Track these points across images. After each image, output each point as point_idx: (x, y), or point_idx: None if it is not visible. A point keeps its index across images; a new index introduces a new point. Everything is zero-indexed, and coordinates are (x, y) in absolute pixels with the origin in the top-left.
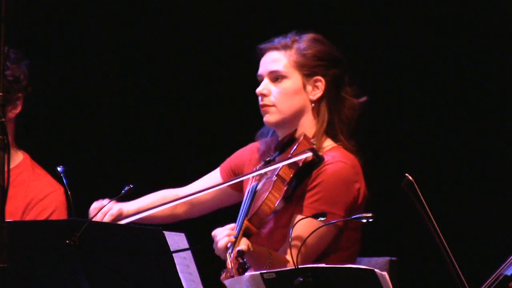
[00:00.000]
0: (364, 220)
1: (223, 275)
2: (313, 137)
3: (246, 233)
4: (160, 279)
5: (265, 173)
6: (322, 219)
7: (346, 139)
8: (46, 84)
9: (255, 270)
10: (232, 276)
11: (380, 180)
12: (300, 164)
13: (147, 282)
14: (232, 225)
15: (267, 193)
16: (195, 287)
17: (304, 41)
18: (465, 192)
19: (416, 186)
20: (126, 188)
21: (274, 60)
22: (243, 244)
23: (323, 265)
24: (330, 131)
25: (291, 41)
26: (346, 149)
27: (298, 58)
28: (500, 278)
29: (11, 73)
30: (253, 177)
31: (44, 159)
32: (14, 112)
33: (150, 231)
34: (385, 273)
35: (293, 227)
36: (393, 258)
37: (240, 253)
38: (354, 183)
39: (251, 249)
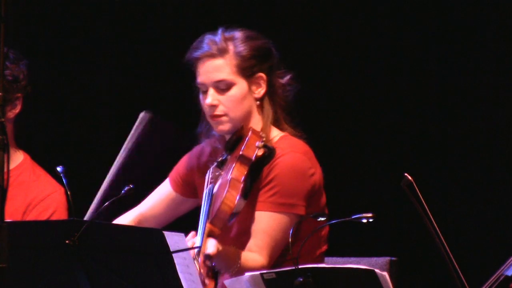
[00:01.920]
0: (364, 220)
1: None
2: (261, 131)
3: (210, 236)
4: (160, 279)
5: (220, 174)
6: (323, 219)
7: (290, 126)
8: (46, 84)
9: (225, 272)
10: (203, 282)
11: (380, 179)
12: (253, 159)
13: (147, 282)
14: (192, 233)
15: (225, 193)
16: (195, 287)
17: (239, 41)
18: (465, 192)
19: (416, 186)
20: (126, 188)
21: (215, 68)
22: (210, 247)
23: (323, 265)
24: (274, 121)
25: (224, 42)
26: (293, 136)
27: (239, 62)
28: (501, 278)
29: (10, 73)
30: (207, 180)
31: (44, 159)
32: (13, 112)
33: (150, 231)
34: (385, 273)
35: (256, 224)
36: (393, 258)
37: (207, 257)
38: (308, 170)
39: (220, 248)
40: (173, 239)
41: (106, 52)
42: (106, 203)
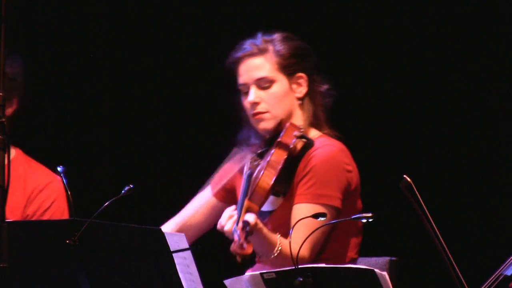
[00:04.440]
0: (364, 220)
1: (233, 245)
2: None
3: (249, 212)
4: (160, 279)
5: (258, 163)
6: (323, 219)
7: (330, 128)
8: (46, 84)
9: (264, 255)
10: (241, 245)
11: (379, 179)
12: (291, 145)
13: (147, 282)
14: (232, 207)
15: (263, 171)
16: (195, 287)
17: (278, 41)
18: (465, 192)
19: (414, 187)
20: (126, 188)
21: (256, 66)
22: (250, 216)
23: (323, 265)
24: (313, 123)
25: (264, 43)
26: (332, 137)
27: (279, 60)
28: (500, 278)
29: (7, 71)
30: (246, 169)
31: (44, 159)
32: (9, 111)
33: (150, 231)
34: (385, 273)
35: (295, 217)
36: (393, 258)
37: (245, 223)
38: (345, 165)
39: (260, 224)
40: (173, 239)
41: (107, 52)
42: (106, 203)
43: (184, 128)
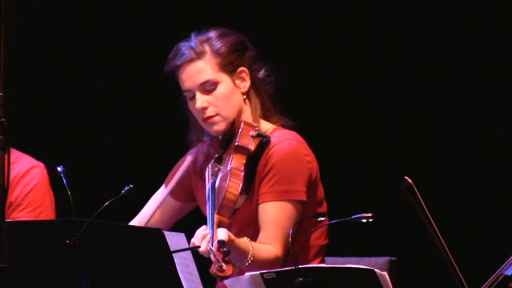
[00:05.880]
0: (364, 220)
1: (212, 267)
2: (252, 122)
3: (220, 227)
4: (160, 279)
5: (219, 169)
6: (323, 219)
7: (281, 117)
8: (46, 84)
9: (240, 264)
10: (221, 267)
11: (380, 180)
12: (249, 147)
13: (147, 282)
14: (203, 227)
15: (228, 182)
16: (195, 287)
17: (214, 40)
18: (465, 193)
19: (415, 189)
20: (126, 188)
21: (198, 71)
22: (221, 233)
23: (323, 265)
24: (263, 114)
25: (200, 45)
26: (286, 127)
27: (218, 59)
28: (500, 278)
29: None
30: (208, 177)
31: (44, 159)
32: None
33: (150, 231)
34: (385, 273)
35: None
36: (393, 258)
37: (221, 243)
38: (305, 156)
39: (231, 237)
40: (173, 239)
41: (107, 52)
42: (106, 203)
43: (184, 128)
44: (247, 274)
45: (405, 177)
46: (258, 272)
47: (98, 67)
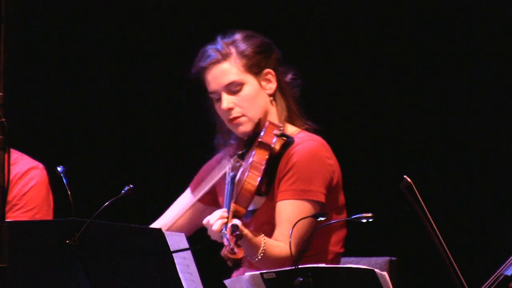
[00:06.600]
0: (364, 220)
1: (223, 250)
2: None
3: (235, 216)
4: (160, 279)
5: (240, 165)
6: (322, 218)
7: (306, 121)
8: (46, 84)
9: (251, 258)
10: (232, 249)
11: (380, 179)
12: (272, 145)
13: (147, 282)
14: (223, 209)
15: (247, 173)
16: (195, 287)
17: (239, 42)
18: (465, 193)
19: (415, 188)
20: (126, 188)
21: (223, 72)
22: (236, 220)
23: (323, 265)
24: (288, 117)
25: (226, 47)
26: (310, 131)
27: (244, 61)
28: (500, 278)
29: None
30: (228, 170)
31: (44, 159)
32: None
33: (150, 231)
34: (385, 273)
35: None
36: (393, 258)
37: (235, 227)
38: (327, 159)
39: (244, 230)
40: (173, 239)
41: (107, 51)
42: (106, 203)
43: (185, 128)
44: (247, 274)
45: (404, 176)
46: (258, 272)
47: (98, 67)
